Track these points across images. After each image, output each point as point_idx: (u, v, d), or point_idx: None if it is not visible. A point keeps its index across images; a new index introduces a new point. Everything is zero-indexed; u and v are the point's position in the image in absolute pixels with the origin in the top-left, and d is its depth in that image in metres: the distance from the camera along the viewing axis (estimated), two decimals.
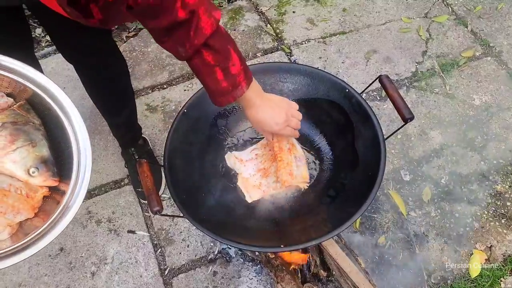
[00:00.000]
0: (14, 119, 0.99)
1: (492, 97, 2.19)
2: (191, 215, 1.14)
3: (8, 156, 0.94)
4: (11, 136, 0.95)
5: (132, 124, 1.85)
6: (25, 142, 0.96)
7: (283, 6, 2.64)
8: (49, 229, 0.91)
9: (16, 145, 0.95)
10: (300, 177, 1.26)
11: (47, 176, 0.96)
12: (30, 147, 0.96)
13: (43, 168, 0.96)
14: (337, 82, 1.34)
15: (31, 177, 0.95)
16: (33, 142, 0.98)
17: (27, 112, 1.02)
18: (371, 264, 1.72)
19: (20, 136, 0.97)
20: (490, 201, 1.87)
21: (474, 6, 2.58)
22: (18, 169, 0.95)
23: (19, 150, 0.95)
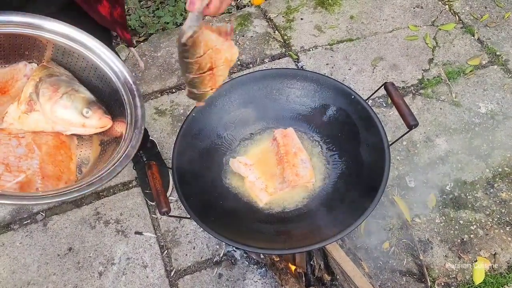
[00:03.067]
0: (49, 73, 1.00)
1: (498, 105, 2.20)
2: (198, 216, 1.16)
3: (58, 104, 0.95)
4: (53, 86, 0.97)
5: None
6: (68, 88, 0.98)
7: (291, 13, 2.68)
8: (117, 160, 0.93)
9: (61, 92, 0.96)
10: (306, 177, 1.29)
11: (100, 113, 0.98)
12: (75, 92, 0.97)
13: (95, 107, 0.98)
14: (343, 89, 1.36)
15: (87, 119, 0.97)
16: (75, 87, 0.99)
17: (57, 66, 1.04)
18: (374, 269, 1.73)
19: (61, 84, 0.98)
20: (495, 209, 1.87)
21: (481, 14, 2.60)
22: (72, 113, 0.96)
23: (65, 96, 0.96)
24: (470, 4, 2.66)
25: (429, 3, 2.68)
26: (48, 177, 0.94)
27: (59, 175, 0.97)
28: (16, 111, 0.97)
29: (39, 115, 0.96)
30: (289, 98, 1.46)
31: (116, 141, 1.01)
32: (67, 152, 1.02)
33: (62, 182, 0.96)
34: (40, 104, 0.95)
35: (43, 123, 0.98)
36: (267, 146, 1.40)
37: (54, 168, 0.97)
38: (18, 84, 1.02)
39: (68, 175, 0.99)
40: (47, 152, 0.97)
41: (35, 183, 0.92)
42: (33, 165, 0.95)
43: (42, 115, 0.96)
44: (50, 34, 0.98)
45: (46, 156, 0.97)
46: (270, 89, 1.46)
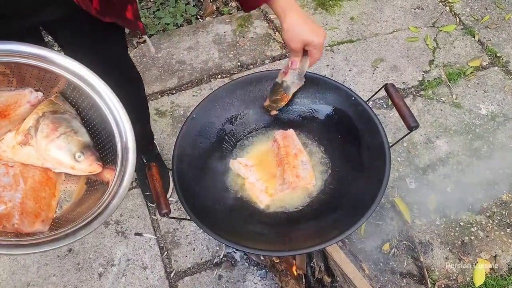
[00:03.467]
0: (53, 109, 1.00)
1: (499, 107, 2.20)
2: (198, 218, 1.16)
3: (53, 143, 0.95)
4: (53, 124, 0.97)
5: (144, 133, 1.87)
6: (67, 129, 0.98)
7: None
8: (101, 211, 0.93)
9: (59, 132, 0.96)
10: (307, 178, 1.28)
11: (92, 160, 0.98)
12: (73, 133, 0.98)
13: (88, 152, 0.98)
14: (343, 90, 1.36)
15: (77, 162, 0.97)
16: (74, 129, 0.99)
17: (63, 103, 1.04)
18: (375, 271, 1.73)
19: (62, 123, 0.98)
20: (496, 211, 1.87)
21: (482, 16, 2.59)
22: (64, 155, 0.96)
23: (63, 137, 0.96)
24: (471, 5, 2.66)
25: (430, 5, 2.68)
26: (27, 214, 0.95)
27: (38, 212, 0.97)
28: (12, 140, 0.97)
29: (32, 150, 0.97)
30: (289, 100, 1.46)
31: (102, 187, 1.03)
32: (52, 188, 1.02)
33: (39, 220, 0.96)
34: (36, 140, 0.96)
35: (34, 158, 0.98)
36: (267, 147, 1.40)
37: (35, 204, 0.97)
38: (20, 109, 1.02)
39: (47, 213, 0.99)
40: (31, 186, 0.98)
41: (12, 218, 0.92)
42: (15, 199, 0.95)
43: (35, 151, 0.97)
44: (61, 69, 0.98)
45: (29, 191, 0.97)
46: None
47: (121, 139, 1.00)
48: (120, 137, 1.01)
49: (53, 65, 0.98)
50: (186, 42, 2.55)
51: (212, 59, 2.46)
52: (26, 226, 0.94)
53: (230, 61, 2.45)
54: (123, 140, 1.00)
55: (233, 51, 2.50)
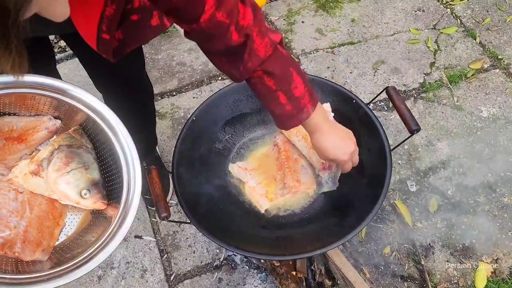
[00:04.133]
0: (69, 142, 1.03)
1: (500, 109, 2.19)
2: (198, 221, 1.16)
3: (63, 177, 0.97)
4: (66, 159, 0.99)
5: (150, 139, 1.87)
6: (79, 165, 1.00)
7: (292, 16, 2.67)
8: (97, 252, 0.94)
9: (70, 167, 0.98)
10: (307, 183, 1.28)
11: (97, 198, 0.99)
12: (83, 170, 1.00)
13: (94, 191, 1.00)
14: (344, 93, 1.35)
15: (83, 199, 0.98)
16: (86, 164, 1.01)
17: (81, 136, 1.06)
18: (376, 274, 1.72)
19: (75, 158, 1.00)
20: (497, 214, 1.86)
21: (483, 18, 2.59)
22: (71, 190, 0.98)
23: (73, 172, 0.98)
24: (472, 7, 2.65)
25: (431, 7, 2.67)
26: (29, 242, 0.96)
27: (40, 241, 0.98)
28: (25, 168, 0.99)
29: (42, 181, 0.99)
30: None
31: (105, 221, 1.03)
32: (56, 218, 1.03)
33: (40, 249, 0.97)
34: (47, 172, 0.97)
35: (42, 189, 1.00)
36: (267, 151, 1.39)
37: (37, 233, 0.98)
38: (37, 135, 1.04)
39: (49, 241, 1.00)
40: (36, 215, 0.99)
41: (15, 246, 0.94)
42: (20, 226, 0.96)
43: (45, 182, 0.99)
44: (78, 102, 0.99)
45: (34, 220, 0.98)
46: None
47: (128, 177, 1.00)
48: (128, 174, 1.01)
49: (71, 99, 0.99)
50: (187, 43, 2.55)
51: None
52: (26, 254, 0.95)
53: None
54: (130, 177, 1.00)
55: None
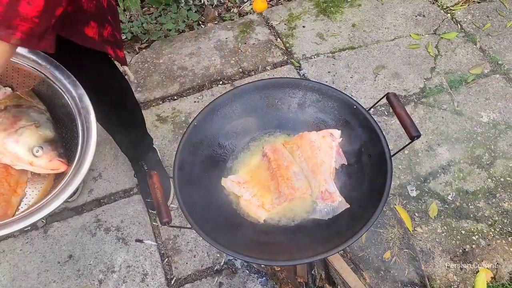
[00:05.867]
0: (17, 103, 0.97)
1: (500, 114, 2.19)
2: (199, 226, 1.16)
3: (10, 137, 0.91)
4: (14, 118, 0.93)
5: (141, 139, 1.87)
6: (28, 122, 0.94)
7: (293, 20, 2.68)
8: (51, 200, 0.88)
9: (18, 125, 0.92)
10: (302, 189, 1.28)
11: (52, 155, 0.92)
12: (33, 127, 0.93)
13: (48, 147, 0.93)
14: (345, 99, 1.36)
15: (36, 158, 0.91)
16: (37, 122, 0.94)
17: (32, 98, 1.00)
18: (376, 279, 1.73)
19: (23, 117, 0.94)
20: (497, 219, 1.86)
21: (483, 23, 2.60)
22: (21, 149, 0.91)
23: (21, 130, 0.92)
24: (472, 13, 2.66)
25: (431, 12, 2.68)
26: None
27: None
28: None
29: None
30: (291, 108, 1.46)
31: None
32: (13, 185, 0.97)
33: None
34: None
35: None
36: (258, 162, 1.39)
37: None
38: None
39: (6, 209, 0.95)
40: None
41: None
42: None
43: None
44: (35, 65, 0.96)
45: None
46: (272, 98, 1.45)
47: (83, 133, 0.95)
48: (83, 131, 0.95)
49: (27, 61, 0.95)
50: (188, 48, 2.56)
51: (213, 65, 2.47)
52: None
53: (232, 67, 2.46)
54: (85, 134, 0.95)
55: (234, 57, 2.51)
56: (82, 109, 0.97)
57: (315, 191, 1.27)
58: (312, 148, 1.31)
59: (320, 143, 1.31)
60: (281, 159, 1.31)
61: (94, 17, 1.13)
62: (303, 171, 1.31)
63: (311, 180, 1.28)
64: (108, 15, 1.20)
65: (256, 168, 1.37)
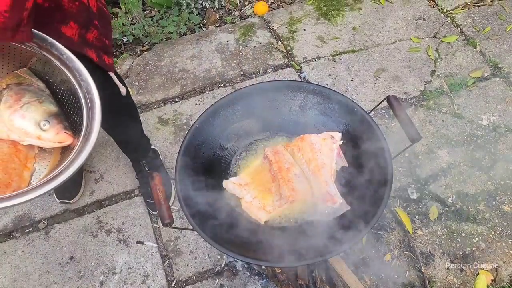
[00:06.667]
0: (18, 81, 0.99)
1: (500, 117, 2.20)
2: (201, 228, 1.17)
3: (17, 113, 0.93)
4: (17, 95, 0.95)
5: (139, 139, 1.88)
6: (31, 98, 0.96)
7: (294, 23, 2.69)
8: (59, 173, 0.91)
9: (23, 102, 0.94)
10: (303, 191, 1.29)
11: (59, 128, 0.95)
12: (37, 103, 0.95)
13: (54, 121, 0.95)
14: (346, 102, 1.37)
15: (43, 131, 0.94)
16: (40, 98, 0.96)
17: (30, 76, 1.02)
18: (376, 281, 1.73)
19: (26, 94, 0.96)
20: (497, 222, 1.87)
21: (483, 27, 2.61)
22: (28, 124, 0.93)
23: (26, 106, 0.94)
24: (472, 16, 2.67)
25: (432, 15, 2.69)
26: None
27: (9, 183, 0.96)
28: None
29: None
30: (292, 110, 1.47)
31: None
32: (22, 160, 1.00)
33: (10, 189, 0.94)
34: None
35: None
36: (259, 164, 1.40)
37: (4, 175, 0.96)
38: None
39: (19, 183, 0.98)
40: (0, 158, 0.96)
41: None
42: None
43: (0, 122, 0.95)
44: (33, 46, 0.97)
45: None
46: (273, 101, 1.46)
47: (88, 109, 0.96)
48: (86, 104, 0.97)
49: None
50: (189, 50, 2.57)
51: (215, 68, 2.48)
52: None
53: (233, 70, 2.47)
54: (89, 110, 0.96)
55: (235, 60, 2.52)
56: (82, 81, 0.98)
57: (316, 193, 1.27)
58: (313, 150, 1.32)
59: (321, 145, 1.31)
60: (282, 161, 1.32)
61: (75, 18, 1.14)
62: (304, 173, 1.31)
63: (312, 182, 1.29)
64: (96, 20, 1.22)
65: (257, 170, 1.38)
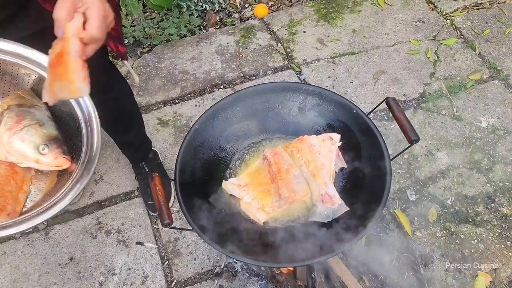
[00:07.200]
0: (20, 102, 0.99)
1: (499, 120, 2.21)
2: (200, 228, 1.17)
3: (16, 135, 0.93)
4: (18, 117, 0.95)
5: (141, 141, 1.88)
6: (32, 121, 0.96)
7: (294, 26, 2.70)
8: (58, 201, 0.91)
9: (23, 124, 0.94)
10: (302, 192, 1.29)
11: (57, 153, 0.94)
12: (38, 126, 0.95)
13: (53, 145, 0.94)
14: (345, 103, 1.37)
15: (42, 155, 0.93)
16: (40, 121, 0.96)
17: (32, 97, 1.02)
18: (375, 283, 1.73)
19: (27, 116, 0.96)
20: (496, 223, 1.87)
21: (482, 30, 2.62)
22: (28, 147, 0.93)
23: (26, 129, 0.94)
24: (471, 19, 2.69)
25: (431, 18, 2.70)
26: None
27: (3, 206, 0.95)
28: None
29: None
30: (292, 112, 1.48)
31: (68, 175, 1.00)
32: (19, 182, 1.00)
33: (5, 213, 0.94)
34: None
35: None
36: (258, 165, 1.40)
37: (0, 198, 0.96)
38: None
39: (14, 206, 0.97)
40: None
41: None
42: None
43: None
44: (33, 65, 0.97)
45: None
46: (273, 102, 1.47)
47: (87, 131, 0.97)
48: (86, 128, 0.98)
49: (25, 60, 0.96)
50: (190, 52, 2.58)
51: (215, 70, 2.49)
52: None
53: (233, 72, 2.48)
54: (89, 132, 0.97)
55: (235, 62, 2.53)
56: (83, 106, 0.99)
57: (315, 194, 1.28)
58: (312, 151, 1.32)
59: (320, 147, 1.32)
60: (281, 162, 1.32)
61: None
62: (303, 174, 1.32)
63: (311, 183, 1.29)
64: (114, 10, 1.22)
65: (257, 171, 1.38)
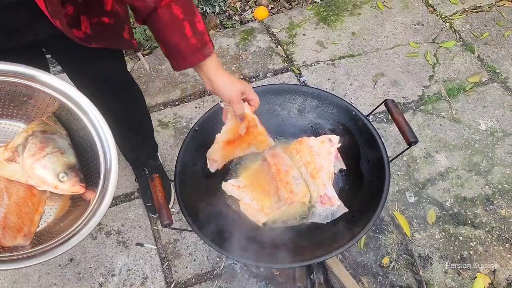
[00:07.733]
0: (43, 128, 1.04)
1: (498, 122, 2.22)
2: (200, 229, 1.18)
3: (39, 162, 0.99)
4: (41, 144, 1.01)
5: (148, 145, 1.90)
6: (54, 149, 1.02)
7: (294, 28, 2.72)
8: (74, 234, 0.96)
9: (46, 152, 1.00)
10: (301, 193, 1.30)
11: (75, 181, 1.01)
12: (59, 154, 1.02)
13: (72, 174, 1.02)
14: (344, 105, 1.38)
15: (61, 182, 1.00)
16: (62, 149, 1.03)
17: (55, 123, 1.08)
18: (374, 284, 1.74)
19: (50, 143, 1.02)
20: (495, 225, 1.88)
21: (481, 32, 2.63)
22: (48, 174, 1.00)
23: (48, 156, 1.00)
24: (470, 22, 2.70)
25: (430, 21, 2.72)
26: (9, 228, 0.97)
27: (20, 227, 1.00)
28: (0, 156, 1.01)
29: (18, 167, 1.00)
30: (291, 113, 1.49)
31: (84, 204, 1.05)
32: (35, 204, 1.05)
33: (21, 234, 0.99)
34: (23, 158, 0.99)
35: (19, 175, 1.01)
36: (258, 166, 1.41)
37: (17, 219, 1.00)
38: None
39: (30, 227, 1.02)
40: (15, 202, 1.01)
41: None
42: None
43: (21, 168, 1.00)
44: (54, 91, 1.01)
45: (13, 207, 1.00)
46: (273, 104, 1.48)
47: (105, 160, 1.03)
48: (104, 158, 1.03)
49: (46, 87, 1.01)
50: None
51: None
52: (7, 240, 0.97)
53: (233, 74, 2.49)
54: (107, 161, 1.03)
55: (236, 64, 2.54)
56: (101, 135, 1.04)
57: (314, 195, 1.29)
58: (311, 153, 1.33)
59: (319, 148, 1.33)
60: (280, 163, 1.33)
61: (126, 21, 1.22)
62: (302, 176, 1.33)
63: (310, 185, 1.30)
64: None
65: (256, 173, 1.39)
